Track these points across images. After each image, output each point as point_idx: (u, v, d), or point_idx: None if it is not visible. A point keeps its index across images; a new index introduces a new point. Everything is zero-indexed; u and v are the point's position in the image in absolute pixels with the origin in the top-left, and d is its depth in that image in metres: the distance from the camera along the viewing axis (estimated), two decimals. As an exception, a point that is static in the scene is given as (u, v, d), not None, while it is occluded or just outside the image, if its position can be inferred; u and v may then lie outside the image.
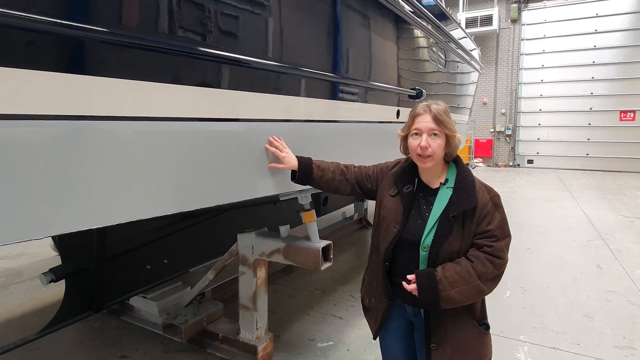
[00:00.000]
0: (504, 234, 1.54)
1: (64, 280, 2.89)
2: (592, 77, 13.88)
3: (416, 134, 1.58)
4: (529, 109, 14.98)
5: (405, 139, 1.66)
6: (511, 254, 1.56)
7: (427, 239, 1.54)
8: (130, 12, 1.32)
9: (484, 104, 15.53)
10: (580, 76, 14.04)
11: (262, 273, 2.80)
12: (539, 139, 14.92)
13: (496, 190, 1.62)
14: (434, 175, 1.63)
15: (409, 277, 1.53)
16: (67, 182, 1.20)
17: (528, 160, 15.18)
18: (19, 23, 1.04)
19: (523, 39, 14.81)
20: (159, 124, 1.41)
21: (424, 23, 3.73)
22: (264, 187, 1.96)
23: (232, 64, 1.70)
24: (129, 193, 1.37)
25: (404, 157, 1.77)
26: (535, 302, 3.96)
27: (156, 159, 1.43)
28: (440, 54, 4.52)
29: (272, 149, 1.96)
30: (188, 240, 3.58)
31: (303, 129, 2.17)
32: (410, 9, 3.31)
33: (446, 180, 1.60)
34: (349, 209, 6.76)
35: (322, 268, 2.48)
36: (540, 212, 7.86)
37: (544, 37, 14.51)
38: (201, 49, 1.54)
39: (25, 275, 4.73)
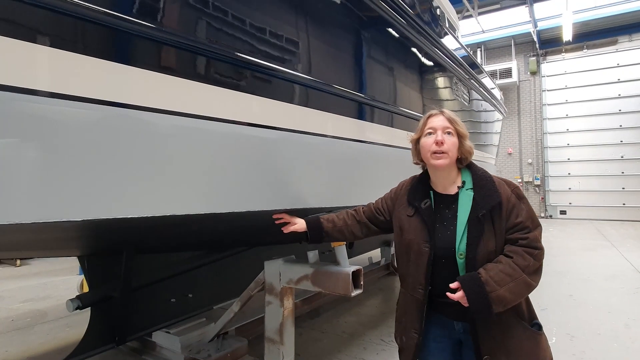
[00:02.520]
0: (535, 224, 1.48)
1: (86, 319, 2.87)
2: (620, 125, 13.67)
3: (430, 133, 1.58)
4: (557, 158, 14.72)
5: (417, 143, 1.65)
6: (553, 300, 1.51)
7: (462, 245, 1.47)
8: (191, 19, 1.43)
9: (509, 154, 15.39)
10: (607, 125, 13.86)
11: (289, 303, 2.68)
12: (570, 188, 14.47)
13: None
14: (449, 181, 1.59)
15: (452, 285, 1.44)
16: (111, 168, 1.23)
17: (560, 211, 14.63)
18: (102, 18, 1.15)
19: (544, 90, 14.94)
20: (206, 122, 1.47)
21: (459, 69, 4.14)
22: (296, 198, 1.94)
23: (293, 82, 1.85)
24: (160, 185, 1.38)
25: (407, 179, 1.76)
26: (586, 349, 3.60)
27: (193, 156, 1.46)
28: (468, 95, 4.68)
29: (280, 217, 1.99)
30: (213, 276, 3.52)
31: (333, 145, 2.19)
32: (451, 60, 3.69)
33: (463, 183, 1.57)
34: (376, 255, 6.56)
35: (353, 294, 2.35)
36: (580, 260, 7.42)
37: (566, 88, 14.61)
38: (262, 62, 1.66)
39: (50, 316, 4.71)
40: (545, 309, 4.51)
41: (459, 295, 1.41)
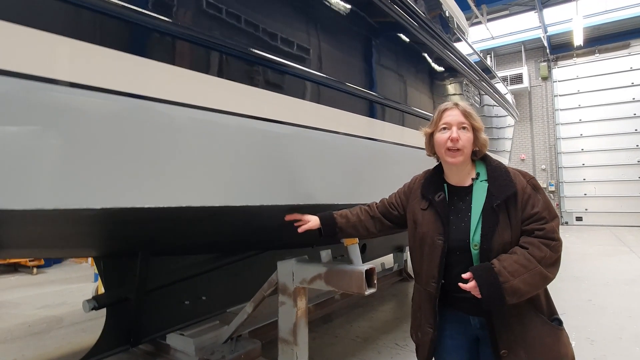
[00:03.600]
0: (552, 215, 1.44)
1: (101, 325, 2.90)
2: (636, 130, 13.42)
3: (445, 128, 1.55)
4: (571, 164, 14.49)
5: (431, 137, 1.62)
6: (572, 305, 1.46)
7: (476, 236, 1.44)
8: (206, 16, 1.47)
9: (522, 160, 15.22)
10: (622, 129, 13.62)
11: (302, 303, 2.67)
12: (585, 194, 14.21)
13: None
14: (463, 173, 1.57)
15: (465, 275, 1.40)
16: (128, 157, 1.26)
17: (576, 217, 14.35)
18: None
19: (556, 95, 14.79)
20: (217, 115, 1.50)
21: (470, 71, 4.25)
22: (309, 194, 1.95)
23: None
24: (177, 177, 1.40)
25: (420, 173, 1.74)
26: (607, 353, 3.51)
27: (209, 149, 1.49)
28: (479, 98, 4.69)
29: (293, 217, 1.98)
30: (227, 279, 3.53)
31: (347, 142, 2.21)
32: (461, 61, 3.90)
33: (478, 174, 1.54)
34: (388, 261, 6.51)
35: (366, 293, 2.33)
36: (598, 266, 7.26)
37: (578, 92, 14.44)
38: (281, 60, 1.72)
39: (65, 322, 4.75)
40: (564, 313, 4.40)
41: (471, 286, 1.37)
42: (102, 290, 3.56)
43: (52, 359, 3.65)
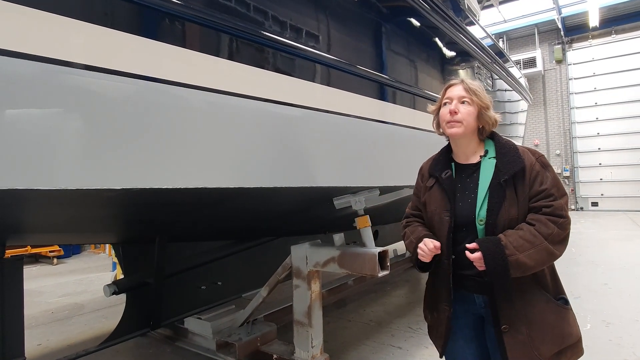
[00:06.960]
0: (561, 192, 1.42)
1: (121, 311, 2.99)
2: (654, 112, 13.11)
3: (447, 103, 1.55)
4: (587, 148, 14.24)
5: (438, 114, 1.62)
6: (587, 289, 1.44)
7: (482, 211, 1.44)
8: None
9: (536, 145, 14.98)
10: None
11: (316, 286, 2.72)
12: (601, 179, 13.97)
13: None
14: (470, 151, 1.56)
15: (470, 245, 1.40)
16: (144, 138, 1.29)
17: (592, 202, 14.14)
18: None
19: (571, 79, 14.48)
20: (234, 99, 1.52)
21: (481, 53, 4.20)
22: (321, 176, 1.97)
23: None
24: (193, 159, 1.44)
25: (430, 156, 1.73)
26: (623, 334, 3.49)
27: (223, 132, 1.52)
28: (491, 81, 4.63)
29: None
30: (242, 265, 3.60)
31: (357, 125, 2.21)
32: (472, 43, 3.88)
33: (486, 152, 1.54)
34: (400, 247, 6.52)
35: (380, 275, 2.36)
36: (614, 250, 7.16)
37: (594, 75, 14.11)
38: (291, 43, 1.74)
39: (87, 309, 4.90)
40: (579, 297, 4.38)
41: (476, 256, 1.37)
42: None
43: (75, 343, 3.78)
